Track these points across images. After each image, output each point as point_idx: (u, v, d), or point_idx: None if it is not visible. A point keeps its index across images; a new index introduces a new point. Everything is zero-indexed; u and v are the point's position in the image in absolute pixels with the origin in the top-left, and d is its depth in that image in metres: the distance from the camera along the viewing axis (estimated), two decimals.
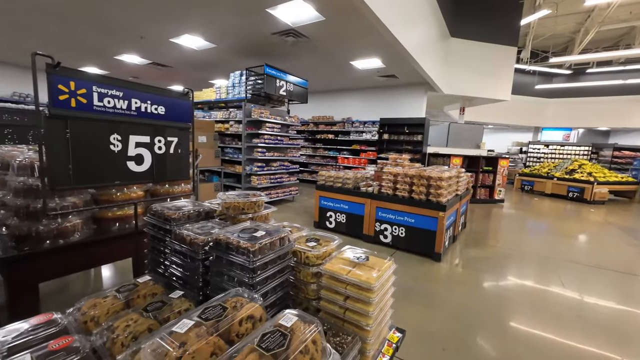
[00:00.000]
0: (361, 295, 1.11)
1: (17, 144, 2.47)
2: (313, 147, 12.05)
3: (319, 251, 1.31)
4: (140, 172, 1.60)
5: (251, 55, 7.76)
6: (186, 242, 1.30)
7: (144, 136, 1.58)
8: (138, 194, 2.01)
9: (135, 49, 7.80)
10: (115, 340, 0.92)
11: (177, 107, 1.72)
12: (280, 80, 7.07)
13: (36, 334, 0.90)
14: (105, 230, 1.92)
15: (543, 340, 2.51)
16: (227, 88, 7.61)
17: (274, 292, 1.21)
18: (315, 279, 1.31)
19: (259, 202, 1.60)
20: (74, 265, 1.73)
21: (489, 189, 9.15)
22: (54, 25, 6.37)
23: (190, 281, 1.29)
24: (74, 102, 1.28)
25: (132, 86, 1.49)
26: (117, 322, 0.98)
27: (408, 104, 10.23)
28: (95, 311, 1.05)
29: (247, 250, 1.08)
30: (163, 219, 1.44)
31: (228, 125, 7.63)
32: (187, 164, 1.85)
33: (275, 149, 7.65)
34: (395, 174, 4.76)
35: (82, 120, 1.32)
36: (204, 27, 6.13)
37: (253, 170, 7.00)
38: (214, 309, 0.86)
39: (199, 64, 8.90)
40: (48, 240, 1.60)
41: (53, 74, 1.22)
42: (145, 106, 1.55)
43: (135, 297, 1.17)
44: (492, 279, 3.73)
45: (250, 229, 1.25)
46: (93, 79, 1.34)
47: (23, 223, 1.54)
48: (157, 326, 1.01)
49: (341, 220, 5.38)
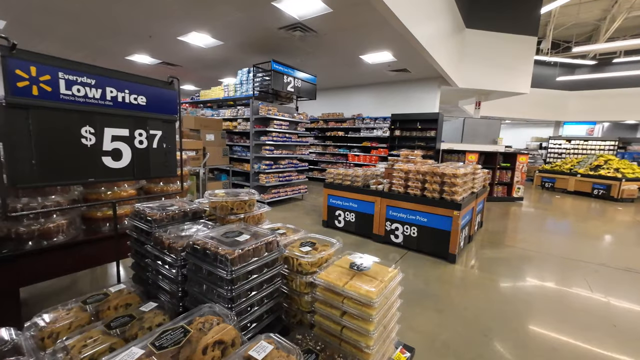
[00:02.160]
0: (361, 312, 0.94)
1: None
2: (323, 145, 11.87)
3: (314, 257, 1.14)
4: (119, 168, 1.47)
5: (259, 51, 7.64)
6: (165, 247, 1.16)
7: (122, 129, 1.45)
8: (129, 192, 1.90)
9: (145, 48, 7.84)
10: None
11: (160, 97, 1.59)
12: (288, 76, 6.93)
13: None
14: (96, 231, 1.82)
15: (573, 350, 2.26)
16: (235, 86, 7.54)
17: (261, 304, 1.06)
18: (310, 289, 1.15)
19: (249, 201, 1.45)
20: (58, 268, 1.63)
21: (507, 187, 8.73)
22: (67, 27, 6.45)
23: (171, 290, 1.16)
24: (36, 89, 1.16)
25: (106, 73, 1.37)
26: (72, 340, 0.85)
27: (420, 99, 9.88)
28: (55, 325, 0.92)
29: (225, 258, 0.92)
30: (145, 220, 1.31)
31: (236, 123, 7.56)
32: (173, 159, 1.72)
33: (283, 147, 7.53)
34: (406, 171, 4.53)
35: (46, 110, 1.19)
36: (210, 23, 6.06)
37: (261, 168, 6.90)
38: (173, 333, 0.71)
39: (208, 62, 8.87)
40: (30, 241, 1.51)
41: (10, 57, 1.10)
42: (122, 95, 1.42)
43: (105, 308, 1.04)
44: (511, 282, 3.47)
45: (235, 232, 1.10)
46: (58, 64, 1.22)
47: (3, 224, 1.45)
48: (121, 344, 0.88)
49: (350, 219, 5.19)
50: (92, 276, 3.14)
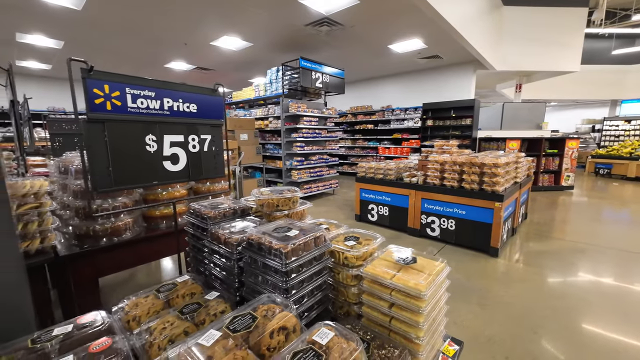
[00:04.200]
0: (409, 304, 0.96)
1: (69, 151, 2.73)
2: (352, 139, 11.80)
3: (359, 251, 1.18)
4: (176, 171, 1.63)
5: (287, 50, 7.76)
6: (221, 241, 1.27)
7: (178, 135, 1.60)
8: (181, 192, 2.09)
9: (181, 55, 8.30)
10: (152, 343, 0.91)
11: (208, 103, 1.72)
12: (315, 72, 6.96)
13: (81, 333, 0.93)
14: (154, 228, 2.03)
15: (634, 350, 2.09)
16: (265, 85, 7.73)
17: (311, 296, 1.13)
18: (356, 282, 1.20)
19: (293, 198, 1.52)
20: (126, 262, 1.85)
21: (555, 175, 8.07)
22: (115, 42, 7.03)
23: (227, 281, 1.27)
24: (110, 105, 1.32)
25: (163, 85, 1.51)
26: (154, 323, 0.97)
27: (454, 86, 9.41)
28: (137, 311, 1.06)
29: (279, 251, 1.00)
30: (200, 217, 1.44)
31: (267, 122, 7.77)
32: (222, 161, 1.85)
33: (313, 143, 7.61)
34: (442, 162, 4.38)
35: (118, 123, 1.36)
36: (240, 26, 6.26)
37: (293, 164, 7.05)
38: (242, 319, 0.79)
39: (238, 64, 9.18)
40: (104, 238, 1.73)
41: (88, 78, 1.26)
42: (177, 105, 1.56)
43: (175, 297, 1.17)
44: (560, 277, 3.24)
45: (284, 228, 1.17)
46: (125, 80, 1.37)
47: (82, 223, 1.68)
48: (193, 329, 0.99)
49: (384, 213, 5.15)
50: (147, 269, 3.48)
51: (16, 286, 1.12)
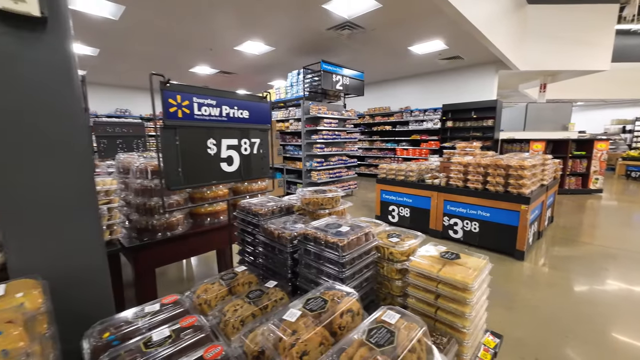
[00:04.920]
0: (456, 295, 1.05)
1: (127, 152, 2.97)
2: (369, 140, 11.83)
3: (403, 247, 1.28)
4: (231, 171, 1.78)
5: (307, 53, 7.91)
6: (274, 236, 1.40)
7: (233, 139, 1.75)
8: (224, 191, 2.25)
9: (206, 60, 8.63)
10: (227, 322, 1.05)
11: (258, 110, 1.87)
12: (336, 75, 7.07)
13: (167, 312, 1.07)
14: (200, 224, 2.20)
15: None
16: (286, 88, 7.92)
17: (361, 287, 1.23)
18: (400, 276, 1.29)
19: (336, 198, 1.63)
20: (178, 254, 2.03)
21: (582, 177, 7.82)
22: (144, 48, 7.41)
23: (280, 272, 1.39)
24: (180, 113, 1.49)
25: (222, 94, 1.67)
26: (226, 306, 1.11)
27: (475, 87, 9.29)
28: (207, 295, 1.20)
29: (336, 245, 1.11)
30: (252, 214, 1.57)
31: (288, 124, 7.95)
32: (267, 162, 1.99)
33: (333, 144, 7.72)
34: (465, 164, 4.39)
35: (186, 128, 1.52)
36: (264, 32, 6.46)
37: (313, 165, 7.19)
38: (315, 301, 0.90)
39: (260, 68, 9.42)
40: (160, 232, 1.90)
41: (165, 90, 1.43)
42: (233, 112, 1.72)
43: (236, 284, 1.31)
44: (588, 282, 3.19)
45: (334, 224, 1.28)
46: (193, 91, 1.54)
47: (142, 218, 1.86)
48: (259, 312, 1.12)
49: (405, 214, 5.19)
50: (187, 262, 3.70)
51: (101, 270, 1.29)
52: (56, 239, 1.17)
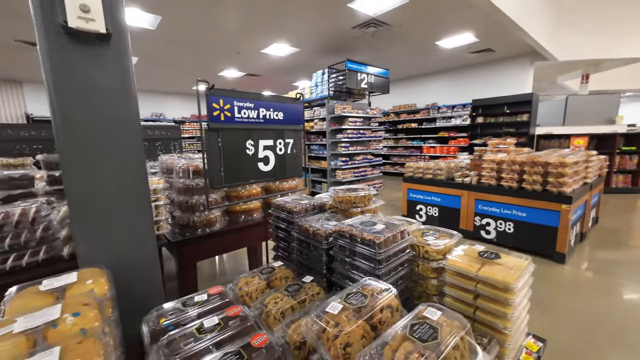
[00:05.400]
0: (497, 295, 1.03)
1: (165, 153, 3.18)
2: (394, 138, 11.63)
3: (439, 246, 1.27)
4: (267, 171, 1.87)
5: (332, 53, 7.93)
6: (309, 233, 1.44)
7: (269, 140, 1.84)
8: (257, 190, 2.35)
9: (234, 64, 8.92)
10: (269, 313, 1.11)
11: (292, 111, 1.94)
12: (361, 73, 7.04)
13: (214, 302, 1.15)
14: (235, 222, 2.32)
15: None
16: (311, 88, 8.00)
17: (396, 285, 1.24)
18: (436, 274, 1.29)
19: (368, 196, 1.65)
20: (217, 249, 2.16)
21: (632, 175, 7.17)
22: (178, 55, 7.82)
23: (315, 268, 1.43)
24: (223, 116, 1.59)
25: (259, 97, 1.76)
26: (267, 298, 1.17)
27: (508, 80, 8.82)
28: (248, 288, 1.28)
29: (373, 242, 1.13)
30: (287, 211, 1.64)
31: (313, 124, 8.03)
32: (300, 162, 2.06)
33: (357, 143, 7.69)
34: (498, 161, 4.21)
35: (228, 131, 1.62)
36: (289, 33, 6.57)
37: (337, 165, 7.20)
38: (356, 296, 0.94)
39: (285, 69, 9.59)
40: (200, 228, 2.03)
41: (210, 95, 1.53)
42: (269, 114, 1.80)
43: (274, 279, 1.37)
44: (637, 288, 2.94)
45: (369, 222, 1.30)
46: (234, 95, 1.63)
47: (184, 215, 2.00)
48: (297, 306, 1.17)
49: (433, 213, 5.06)
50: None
51: (153, 262, 1.41)
52: (116, 233, 1.29)
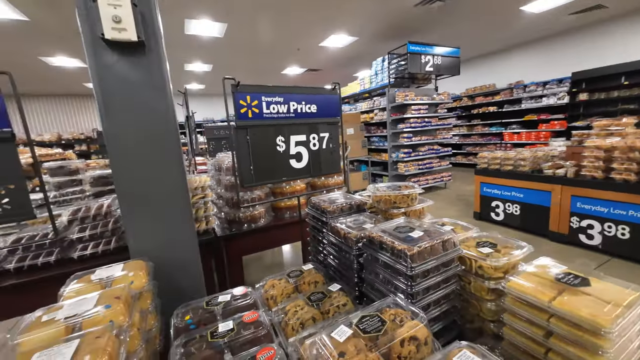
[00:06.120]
0: (581, 339, 0.74)
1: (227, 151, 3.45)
2: (468, 125, 10.35)
3: (499, 261, 1.00)
4: (300, 168, 1.80)
5: (393, 37, 7.41)
6: (340, 236, 1.32)
7: (301, 135, 1.76)
8: (301, 186, 2.32)
9: (294, 61, 9.15)
10: (288, 323, 1.03)
11: (326, 103, 1.82)
12: (425, 55, 6.40)
13: (236, 303, 1.14)
14: (280, 218, 2.33)
15: None
16: (371, 77, 7.66)
17: (437, 305, 1.03)
18: (493, 296, 1.02)
19: (412, 195, 1.43)
20: (262, 244, 2.21)
21: None
22: (242, 60, 8.40)
23: (347, 275, 1.30)
24: (251, 113, 1.58)
25: (288, 90, 1.69)
26: (288, 305, 1.09)
27: (625, 44, 6.88)
28: (274, 291, 1.22)
29: (404, 253, 0.94)
30: (320, 210, 1.54)
31: (373, 115, 7.71)
32: (337, 157, 1.93)
33: (422, 133, 7.08)
34: (607, 148, 3.31)
35: (256, 127, 1.61)
36: (346, 22, 6.35)
37: (399, 157, 6.77)
38: (371, 320, 0.78)
39: (344, 60, 9.41)
40: (245, 224, 2.10)
41: (236, 92, 1.53)
42: (300, 107, 1.72)
43: (302, 283, 1.29)
44: None
45: (406, 228, 1.11)
46: (261, 90, 1.60)
47: (231, 210, 2.09)
48: (319, 316, 1.06)
49: (513, 211, 4.31)
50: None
51: (194, 257, 1.48)
52: (158, 229, 1.40)
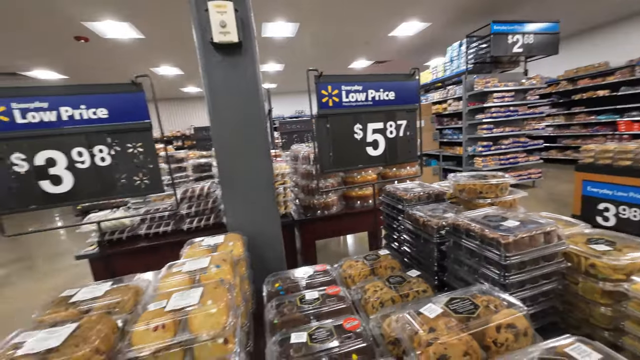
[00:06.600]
0: None
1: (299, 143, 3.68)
2: (566, 114, 8.76)
3: (618, 260, 0.86)
4: (376, 156, 1.81)
5: (472, 19, 6.71)
6: (419, 224, 1.30)
7: (378, 123, 1.77)
8: (372, 176, 2.33)
9: (362, 53, 9.06)
10: (367, 301, 1.07)
11: (404, 89, 1.79)
12: (513, 35, 5.64)
13: (317, 278, 1.23)
14: (351, 206, 2.39)
15: None
16: (445, 65, 7.12)
17: (535, 302, 0.94)
18: (609, 300, 0.89)
19: (501, 185, 1.31)
20: (333, 231, 2.31)
21: None
22: (312, 55, 8.68)
23: (425, 263, 1.28)
24: (331, 102, 1.65)
25: (368, 79, 1.72)
26: (367, 285, 1.14)
27: None
28: (351, 271, 1.28)
29: (496, 242, 0.89)
30: (396, 199, 1.53)
31: (446, 105, 7.16)
32: (415, 145, 1.88)
33: (506, 123, 6.29)
34: None
35: (336, 116, 1.68)
36: (420, 8, 6.00)
37: (477, 150, 6.15)
38: (462, 302, 0.77)
39: (414, 49, 8.92)
40: (319, 210, 2.22)
41: (319, 83, 1.62)
42: (378, 95, 1.73)
43: (378, 266, 1.32)
44: None
45: (496, 217, 1.03)
46: (341, 79, 1.66)
47: (306, 197, 2.24)
48: (398, 299, 1.08)
49: (631, 216, 3.53)
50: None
51: (277, 235, 1.65)
52: (250, 209, 1.60)
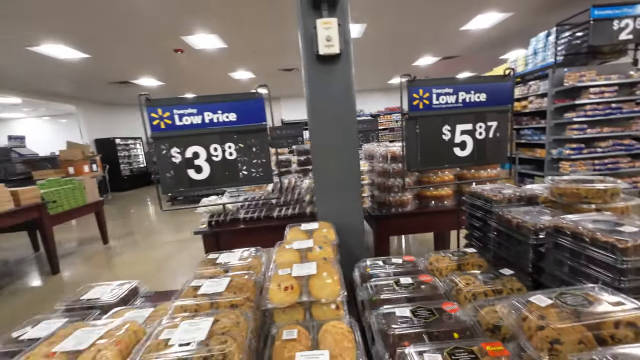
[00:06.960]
0: None
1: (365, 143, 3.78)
2: None
3: None
4: (464, 156, 1.83)
5: (563, 5, 5.94)
6: (512, 225, 1.30)
7: (467, 124, 1.78)
8: (450, 177, 2.33)
9: (428, 50, 8.71)
10: (460, 291, 1.14)
11: (497, 90, 1.76)
12: (620, 19, 4.86)
13: (407, 267, 1.34)
14: (425, 206, 2.42)
15: None
16: (526, 58, 6.46)
17: None
18: None
19: (612, 190, 1.24)
20: (406, 228, 2.37)
21: None
22: (378, 53, 8.64)
23: (516, 263, 1.29)
24: (422, 105, 1.73)
25: (458, 82, 1.74)
26: (458, 277, 1.20)
27: None
28: (439, 264, 1.36)
29: (612, 246, 0.88)
30: (483, 199, 1.54)
31: (526, 102, 6.49)
32: (504, 147, 1.84)
33: (604, 123, 5.45)
34: None
35: (425, 118, 1.75)
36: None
37: (564, 153, 5.47)
38: (574, 297, 0.80)
39: (488, 43, 8.24)
40: (394, 207, 2.31)
41: (411, 87, 1.72)
42: (469, 96, 1.74)
43: (465, 263, 1.37)
44: None
45: (609, 222, 1.01)
46: (433, 83, 1.73)
47: (382, 194, 2.35)
48: (490, 293, 1.13)
49: None
50: None
51: (360, 226, 1.80)
52: (339, 201, 1.78)
